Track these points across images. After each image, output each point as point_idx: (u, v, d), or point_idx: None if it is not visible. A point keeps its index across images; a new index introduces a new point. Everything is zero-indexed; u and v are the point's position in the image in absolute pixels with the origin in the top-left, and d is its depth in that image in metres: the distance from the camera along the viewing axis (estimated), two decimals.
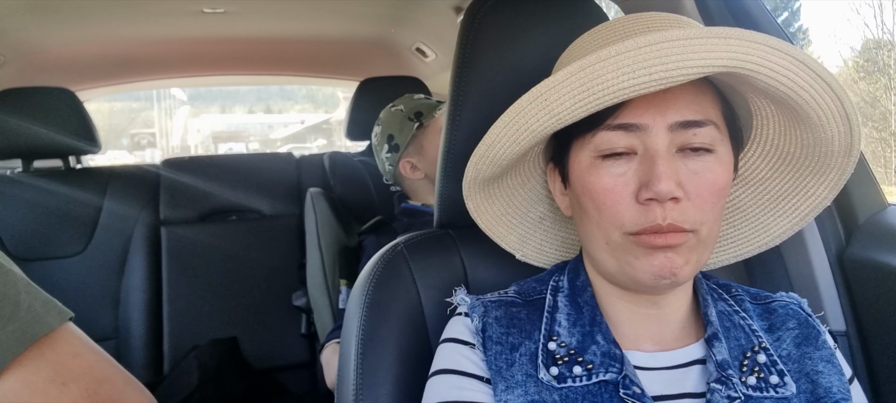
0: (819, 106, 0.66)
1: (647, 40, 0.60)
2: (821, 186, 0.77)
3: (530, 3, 0.95)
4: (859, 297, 1.08)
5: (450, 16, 1.96)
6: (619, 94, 0.62)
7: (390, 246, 0.95)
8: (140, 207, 2.24)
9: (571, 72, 0.63)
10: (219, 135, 21.13)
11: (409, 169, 1.80)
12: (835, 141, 0.70)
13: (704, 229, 0.68)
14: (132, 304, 2.16)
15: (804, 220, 0.81)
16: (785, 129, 0.75)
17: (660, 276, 0.68)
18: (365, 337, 0.87)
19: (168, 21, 2.17)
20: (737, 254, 0.86)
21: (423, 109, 1.77)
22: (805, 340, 0.77)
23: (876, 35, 7.30)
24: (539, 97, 0.66)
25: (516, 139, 0.69)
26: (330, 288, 1.80)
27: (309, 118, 21.44)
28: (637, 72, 0.60)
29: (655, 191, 0.65)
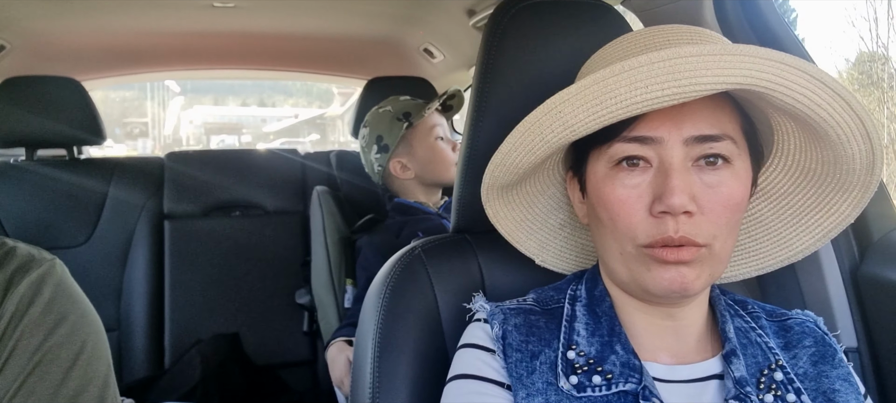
0: (838, 124, 0.66)
1: (660, 56, 0.60)
2: (844, 203, 0.77)
3: (554, 11, 0.95)
4: (872, 315, 1.08)
5: (461, 18, 1.96)
6: (632, 109, 0.62)
7: (407, 249, 0.95)
8: (144, 199, 2.24)
9: (585, 85, 0.63)
10: (211, 126, 21.06)
11: (400, 168, 1.83)
12: (856, 159, 0.70)
13: (717, 243, 0.69)
14: (134, 296, 2.16)
15: (827, 236, 0.81)
16: (805, 145, 0.75)
17: (670, 290, 0.68)
18: (382, 340, 0.87)
19: (177, 14, 2.16)
20: (759, 267, 0.87)
21: (412, 110, 1.81)
22: (822, 358, 0.78)
23: (870, 48, 7.31)
24: (553, 109, 0.66)
25: (531, 149, 0.70)
26: (336, 287, 1.80)
27: (303, 112, 21.37)
28: (650, 87, 0.60)
29: (668, 204, 0.65)
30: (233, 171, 2.39)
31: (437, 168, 1.83)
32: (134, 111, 20.11)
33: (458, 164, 0.97)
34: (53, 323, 0.77)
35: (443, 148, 1.83)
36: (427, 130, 1.82)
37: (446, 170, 1.83)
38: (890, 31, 4.16)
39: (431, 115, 1.83)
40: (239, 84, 19.28)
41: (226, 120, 22.33)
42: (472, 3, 1.85)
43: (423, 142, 1.82)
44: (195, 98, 21.04)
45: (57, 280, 0.80)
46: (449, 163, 1.83)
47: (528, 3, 0.95)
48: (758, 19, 1.17)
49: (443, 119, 1.88)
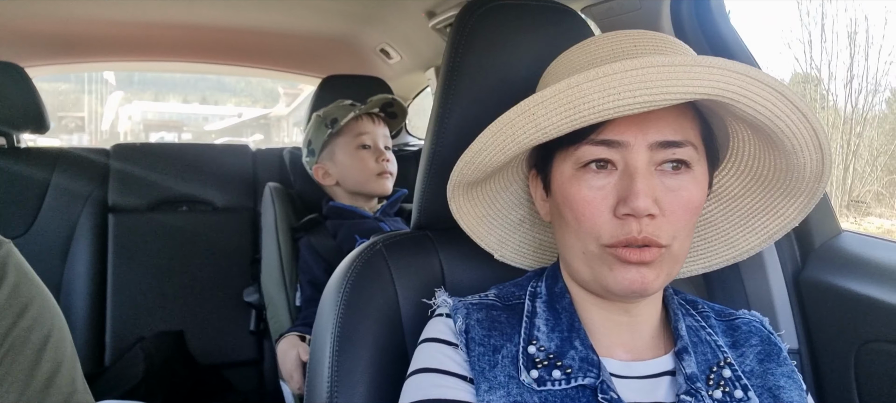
0: (794, 134, 0.69)
1: (633, 64, 0.62)
2: (790, 208, 0.81)
3: (519, 13, 0.97)
4: (813, 318, 1.13)
5: (420, 20, 1.96)
6: (603, 114, 0.64)
7: (368, 244, 0.96)
8: (88, 192, 2.16)
9: (560, 89, 0.65)
10: (151, 123, 20.50)
11: (322, 174, 1.85)
12: (807, 167, 0.74)
13: (676, 244, 0.72)
14: (75, 292, 2.08)
15: (772, 238, 0.85)
16: (760, 152, 0.78)
17: (631, 289, 0.71)
18: (341, 335, 0.87)
19: (128, 3, 2.09)
20: (707, 265, 0.90)
21: (339, 115, 1.81)
22: (767, 356, 0.82)
23: (804, 70, 7.62)
24: (527, 111, 0.68)
25: (502, 148, 0.72)
26: (287, 285, 1.78)
27: (247, 112, 20.98)
28: (622, 94, 0.63)
29: (633, 206, 0.68)
30: (182, 165, 2.33)
31: (356, 176, 1.83)
32: (70, 105, 19.39)
33: (422, 162, 0.98)
34: (21, 306, 0.76)
35: (363, 157, 1.82)
36: (351, 138, 1.82)
37: (365, 180, 1.82)
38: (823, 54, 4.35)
39: (361, 123, 1.83)
40: (181, 80, 18.79)
41: (166, 117, 21.72)
42: (433, 5, 1.85)
43: (346, 149, 1.82)
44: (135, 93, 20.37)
45: (17, 262, 0.78)
46: (367, 174, 1.82)
47: (493, 4, 0.96)
48: (712, 32, 1.21)
49: (377, 127, 1.87)
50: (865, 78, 4.72)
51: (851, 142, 7.35)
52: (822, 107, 7.98)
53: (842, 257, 1.12)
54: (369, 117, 1.85)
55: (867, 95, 4.80)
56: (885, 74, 4.02)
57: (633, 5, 1.25)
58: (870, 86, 4.39)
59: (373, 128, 1.85)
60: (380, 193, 1.84)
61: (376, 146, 1.83)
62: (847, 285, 1.07)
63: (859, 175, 7.28)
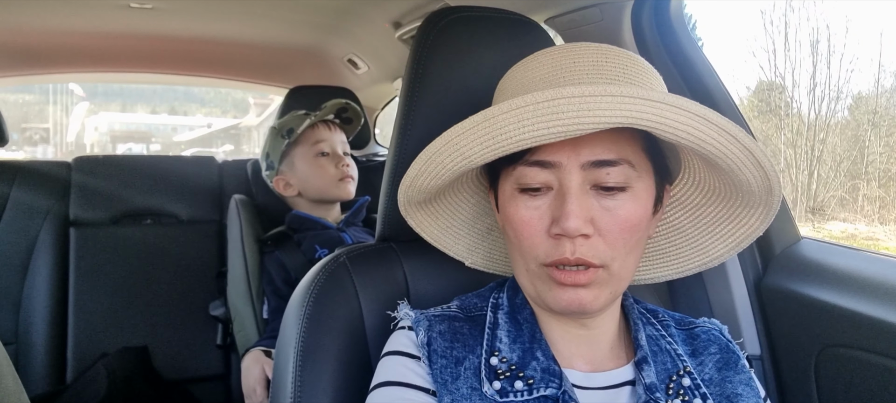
0: (726, 155, 0.68)
1: (544, 96, 0.63)
2: (751, 217, 0.81)
3: (481, 24, 0.97)
4: (774, 324, 1.15)
5: (386, 30, 1.97)
6: (521, 143, 0.66)
7: (332, 257, 0.95)
8: (49, 205, 2.11)
9: (477, 121, 0.67)
10: (118, 134, 20.22)
11: (283, 186, 1.84)
12: (752, 183, 0.73)
13: (616, 264, 0.72)
14: (35, 308, 2.03)
15: (740, 246, 0.84)
16: (708, 168, 0.78)
17: (569, 309, 0.72)
18: (304, 348, 0.86)
19: (93, 14, 2.06)
20: (679, 271, 0.90)
21: (295, 124, 1.80)
22: (726, 364, 0.83)
23: (769, 78, 7.80)
24: (451, 142, 0.70)
25: (435, 174, 0.73)
26: (254, 298, 1.76)
27: (216, 122, 20.78)
28: (536, 125, 0.64)
29: (563, 227, 0.69)
30: (145, 178, 2.30)
31: (317, 184, 1.82)
32: (35, 116, 19.04)
33: (385, 174, 0.97)
34: None
35: (323, 164, 1.81)
36: (309, 146, 1.82)
37: (327, 187, 1.82)
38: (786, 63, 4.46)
39: (317, 131, 1.82)
40: (149, 90, 18.56)
41: (134, 128, 21.43)
42: (398, 16, 1.86)
43: (304, 158, 1.82)
44: (101, 104, 20.05)
45: None
46: (329, 180, 1.81)
47: (455, 16, 0.96)
48: (673, 42, 1.23)
49: (334, 134, 1.86)
50: (827, 85, 4.84)
51: (815, 148, 7.51)
52: (787, 113, 8.14)
53: (802, 264, 1.13)
54: (325, 124, 1.85)
55: (830, 102, 4.93)
56: (846, 82, 4.14)
57: (594, 16, 1.26)
58: (832, 93, 4.51)
59: (329, 135, 1.85)
60: (343, 198, 1.84)
61: (335, 152, 1.83)
62: (807, 291, 1.09)
63: (823, 181, 7.44)
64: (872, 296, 1.00)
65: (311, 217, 1.81)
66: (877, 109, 5.70)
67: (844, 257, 1.10)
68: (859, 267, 1.06)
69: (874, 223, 6.73)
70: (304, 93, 2.20)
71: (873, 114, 6.57)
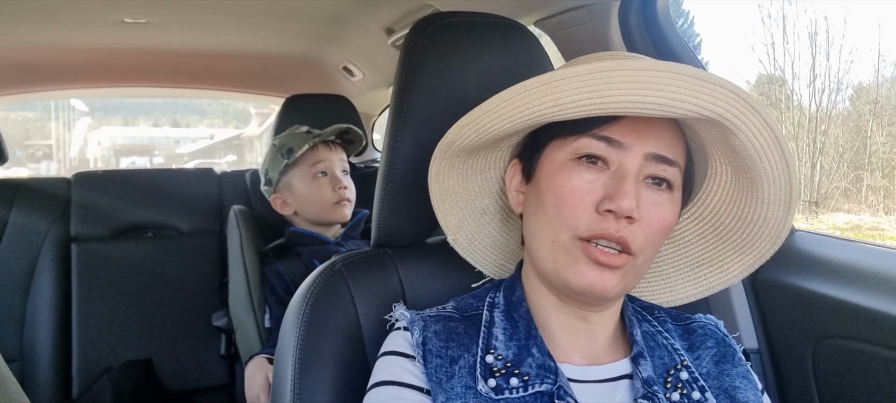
0: (773, 181, 0.73)
1: (664, 65, 0.64)
2: (736, 264, 0.85)
3: (469, 30, 0.98)
4: (770, 317, 1.15)
5: (379, 36, 1.98)
6: (626, 106, 0.66)
7: (328, 264, 0.96)
8: (49, 222, 2.12)
9: (590, 69, 0.65)
10: (121, 148, 20.27)
11: (280, 204, 1.84)
12: (770, 222, 0.77)
13: (642, 257, 0.74)
14: (39, 325, 2.04)
15: (707, 292, 0.88)
16: (731, 199, 0.81)
17: (590, 290, 0.72)
18: (302, 356, 0.87)
19: (87, 30, 2.08)
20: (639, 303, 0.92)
21: (294, 144, 1.79)
22: (723, 358, 0.83)
23: (768, 71, 7.81)
24: (550, 83, 0.68)
25: (512, 116, 0.71)
26: (255, 308, 1.77)
27: (219, 133, 20.83)
28: (647, 92, 0.64)
29: (619, 205, 0.69)
30: (145, 191, 2.30)
31: (314, 206, 1.82)
32: (37, 132, 19.11)
33: (378, 181, 0.98)
34: None
35: (321, 185, 1.80)
36: (307, 166, 1.81)
37: (323, 209, 1.81)
38: (786, 56, 4.46)
39: (317, 151, 1.81)
40: (150, 103, 18.60)
41: (136, 141, 21.50)
42: (391, 23, 1.87)
43: (302, 178, 1.81)
44: (103, 118, 20.13)
45: None
46: (324, 203, 1.80)
47: (443, 22, 0.97)
48: (661, 40, 1.24)
49: (333, 153, 1.85)
50: (827, 77, 4.86)
51: (817, 140, 7.51)
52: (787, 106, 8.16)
53: (795, 256, 1.14)
54: (325, 145, 1.84)
55: (830, 93, 4.94)
56: (846, 72, 4.15)
57: (582, 18, 1.27)
58: (832, 85, 4.52)
59: (329, 154, 1.83)
60: (338, 221, 1.83)
61: (333, 173, 1.82)
62: (802, 283, 1.09)
63: (826, 172, 7.43)
64: (866, 287, 1.00)
65: (309, 232, 1.81)
66: (877, 99, 5.72)
67: (838, 248, 1.11)
68: (853, 258, 1.06)
69: (879, 213, 6.72)
70: (301, 101, 2.20)
71: (874, 104, 6.59)
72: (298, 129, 1.85)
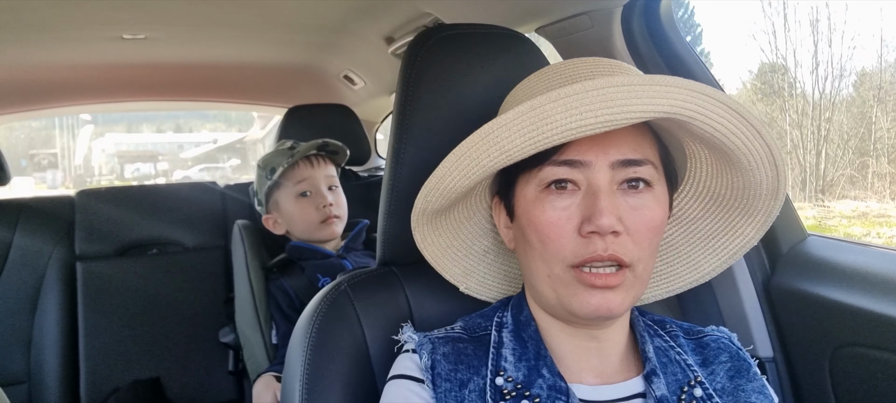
0: (749, 151, 0.71)
1: (594, 85, 0.63)
2: (748, 227, 0.82)
3: (470, 41, 0.96)
4: (785, 325, 1.13)
5: (379, 45, 1.96)
6: (567, 134, 0.65)
7: (333, 285, 0.94)
8: (54, 242, 2.12)
9: (522, 111, 0.65)
10: (125, 155, 20.35)
11: (272, 224, 1.82)
12: (763, 184, 0.75)
13: (640, 265, 0.72)
14: (46, 345, 2.03)
15: (732, 259, 0.86)
16: (717, 172, 0.79)
17: (597, 313, 0.71)
18: (310, 378, 0.86)
19: (86, 47, 2.07)
20: (669, 290, 0.90)
21: (277, 163, 1.76)
22: (737, 372, 0.82)
23: (770, 59, 7.79)
24: (491, 134, 0.68)
25: (467, 173, 0.71)
26: (262, 323, 1.75)
27: (222, 137, 20.90)
28: (584, 114, 0.63)
29: (598, 224, 0.68)
30: (149, 207, 2.30)
31: (300, 227, 1.79)
32: (41, 142, 19.18)
33: (382, 197, 0.97)
34: None
35: (305, 206, 1.77)
36: (291, 186, 1.77)
37: (309, 229, 1.78)
38: (787, 44, 4.44)
39: (299, 169, 1.77)
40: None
41: (140, 148, 21.59)
42: (390, 31, 1.85)
43: (287, 198, 1.78)
44: (107, 126, 20.21)
45: None
46: (310, 223, 1.77)
47: (443, 34, 0.96)
48: (664, 44, 1.22)
49: (317, 170, 1.80)
50: (830, 64, 4.83)
51: (822, 128, 7.48)
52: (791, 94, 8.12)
53: (809, 262, 1.12)
54: (307, 161, 1.78)
55: (834, 80, 4.92)
56: (849, 59, 4.13)
57: (584, 24, 1.25)
58: (835, 72, 4.49)
59: (311, 171, 1.78)
60: (327, 239, 1.79)
61: (318, 191, 1.77)
62: (816, 290, 1.07)
63: (831, 159, 7.40)
64: (883, 293, 0.98)
65: (309, 246, 1.79)
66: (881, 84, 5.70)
67: (852, 253, 1.08)
68: (868, 264, 1.04)
69: (885, 199, 6.69)
70: (302, 112, 2.19)
71: (878, 90, 6.55)
72: (283, 146, 1.81)
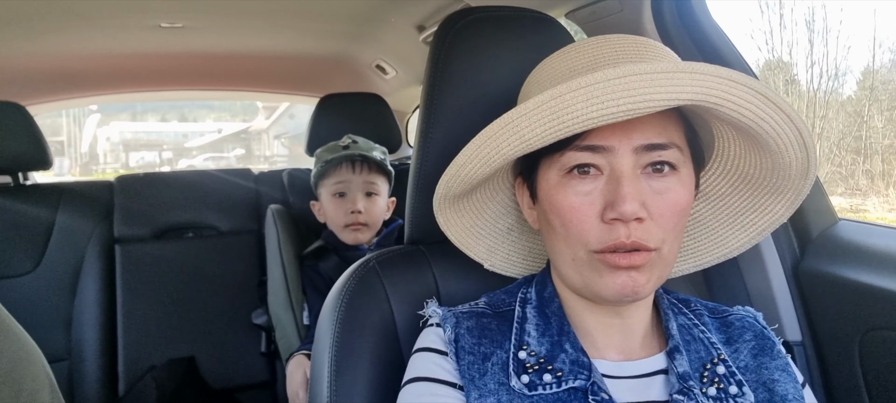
0: (778, 135, 0.69)
1: (615, 73, 0.62)
2: (778, 205, 0.81)
3: (498, 24, 0.97)
4: (814, 308, 1.12)
5: (411, 34, 1.98)
6: (588, 123, 0.64)
7: (362, 262, 0.96)
8: (93, 224, 2.18)
9: (543, 100, 0.65)
10: (130, 143, 20.46)
11: (317, 211, 1.88)
12: (792, 166, 0.74)
13: (665, 247, 0.71)
14: (86, 324, 2.09)
15: (761, 235, 0.85)
16: (745, 152, 0.78)
17: (622, 294, 0.71)
18: (338, 353, 0.87)
19: (124, 36, 2.12)
20: (696, 264, 0.90)
21: (323, 158, 1.81)
22: (761, 351, 0.81)
23: (768, 58, 7.66)
24: (511, 123, 0.68)
25: (487, 161, 0.72)
26: (294, 305, 1.79)
27: (226, 127, 20.87)
28: (606, 103, 0.63)
29: (620, 211, 0.68)
30: (185, 193, 2.35)
31: (330, 223, 1.83)
32: (48, 130, 19.20)
33: (410, 178, 0.98)
34: None
35: (337, 205, 1.80)
36: (332, 183, 1.81)
37: (335, 228, 1.81)
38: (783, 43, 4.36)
39: (340, 169, 1.80)
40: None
41: (145, 136, 21.60)
42: (422, 19, 1.86)
43: (326, 194, 1.83)
44: (112, 114, 20.23)
45: None
46: (336, 224, 1.80)
47: (472, 17, 0.96)
48: (696, 29, 1.21)
49: (356, 174, 1.80)
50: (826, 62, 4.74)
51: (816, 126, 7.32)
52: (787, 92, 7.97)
53: (840, 246, 1.11)
54: (350, 164, 1.81)
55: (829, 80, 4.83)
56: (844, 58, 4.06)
57: (614, 7, 1.25)
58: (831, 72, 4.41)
59: (350, 175, 1.80)
60: (349, 243, 1.81)
61: (352, 195, 1.79)
62: (847, 274, 1.06)
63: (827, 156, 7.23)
64: None
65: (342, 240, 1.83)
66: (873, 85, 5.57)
67: (885, 237, 1.07)
68: None
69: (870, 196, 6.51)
70: (334, 101, 2.22)
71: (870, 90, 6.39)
72: (339, 143, 1.83)
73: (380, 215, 1.84)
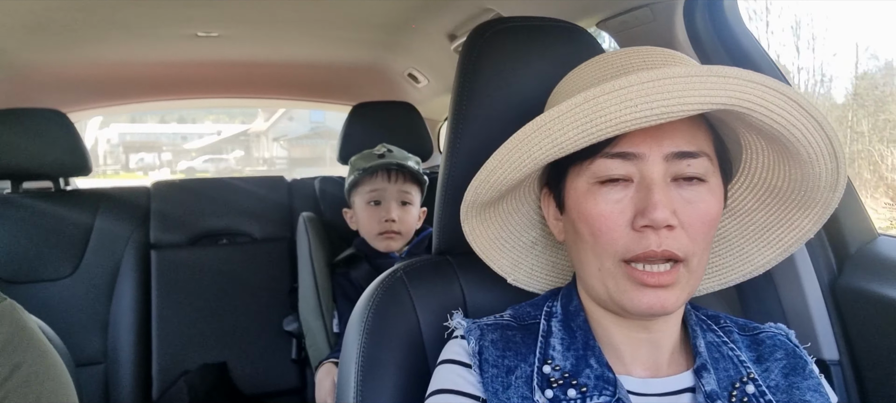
0: (809, 143, 0.68)
1: (650, 76, 0.62)
2: (805, 219, 0.79)
3: (528, 34, 0.96)
4: (852, 327, 1.09)
5: (443, 42, 1.98)
6: (621, 126, 0.63)
7: (389, 272, 0.96)
8: (130, 230, 2.22)
9: (576, 103, 0.64)
10: (130, 144, 20.69)
11: (349, 219, 1.89)
12: (822, 177, 0.72)
13: (695, 260, 0.70)
14: (121, 328, 2.13)
15: (787, 251, 0.83)
16: (773, 164, 0.77)
17: (650, 311, 0.70)
18: (365, 362, 0.87)
19: (162, 45, 2.16)
20: (722, 282, 0.88)
21: (358, 166, 1.82)
22: (793, 370, 0.79)
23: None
24: (543, 126, 0.67)
25: (518, 166, 0.71)
26: (324, 312, 1.80)
27: (225, 129, 20.99)
28: (639, 106, 0.62)
29: (651, 218, 0.67)
30: (219, 200, 2.38)
31: (364, 232, 1.84)
32: None
33: (438, 187, 0.98)
34: (12, 366, 0.74)
35: (371, 213, 1.81)
36: (366, 191, 1.82)
37: (368, 235, 1.82)
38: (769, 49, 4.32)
39: (375, 177, 1.81)
40: None
41: (145, 138, 21.80)
42: (453, 28, 1.87)
43: (360, 202, 1.84)
44: (111, 116, 20.63)
45: (16, 319, 0.77)
46: (369, 231, 1.81)
47: (502, 26, 0.96)
48: (729, 37, 1.19)
49: (391, 183, 1.82)
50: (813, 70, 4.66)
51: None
52: None
53: (879, 262, 1.07)
54: (385, 173, 1.82)
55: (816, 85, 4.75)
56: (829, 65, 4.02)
57: (646, 17, 1.23)
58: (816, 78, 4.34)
59: (385, 184, 1.81)
60: (383, 251, 1.82)
61: (386, 204, 1.80)
62: (887, 291, 1.03)
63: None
64: None
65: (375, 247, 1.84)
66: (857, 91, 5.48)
67: None
68: None
69: None
70: (366, 109, 2.23)
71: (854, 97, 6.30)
72: (374, 151, 1.85)
73: (413, 224, 1.85)
